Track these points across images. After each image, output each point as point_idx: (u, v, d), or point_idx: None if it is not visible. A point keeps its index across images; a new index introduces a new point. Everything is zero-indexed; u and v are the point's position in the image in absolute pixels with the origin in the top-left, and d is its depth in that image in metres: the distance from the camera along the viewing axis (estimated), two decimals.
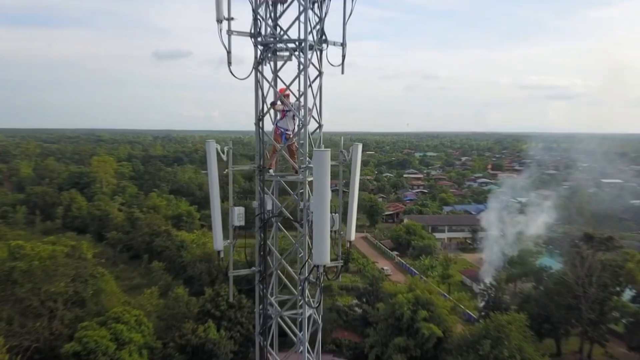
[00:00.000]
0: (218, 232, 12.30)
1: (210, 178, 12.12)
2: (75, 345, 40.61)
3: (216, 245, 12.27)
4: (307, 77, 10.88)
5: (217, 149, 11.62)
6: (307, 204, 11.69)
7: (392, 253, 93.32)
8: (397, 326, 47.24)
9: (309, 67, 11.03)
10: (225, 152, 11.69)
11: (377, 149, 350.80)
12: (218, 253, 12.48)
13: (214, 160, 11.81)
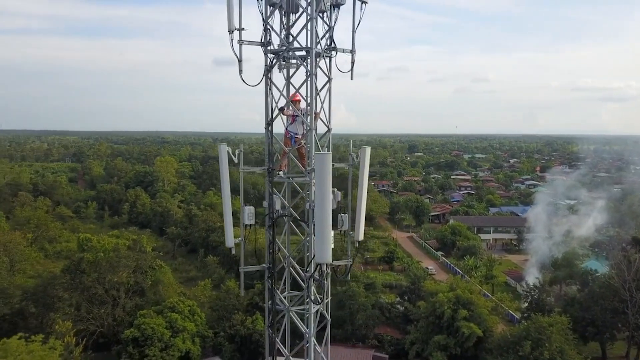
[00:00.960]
0: (229, 230, 12.66)
1: (222, 179, 12.46)
2: (134, 331, 43.82)
3: (228, 242, 12.59)
4: (313, 84, 11.09)
5: (229, 152, 12.08)
6: (312, 205, 11.74)
7: (437, 253, 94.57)
8: (437, 324, 48.52)
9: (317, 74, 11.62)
10: (236, 155, 12.13)
11: (426, 151, 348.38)
12: (230, 250, 12.82)
13: (226, 162, 12.19)
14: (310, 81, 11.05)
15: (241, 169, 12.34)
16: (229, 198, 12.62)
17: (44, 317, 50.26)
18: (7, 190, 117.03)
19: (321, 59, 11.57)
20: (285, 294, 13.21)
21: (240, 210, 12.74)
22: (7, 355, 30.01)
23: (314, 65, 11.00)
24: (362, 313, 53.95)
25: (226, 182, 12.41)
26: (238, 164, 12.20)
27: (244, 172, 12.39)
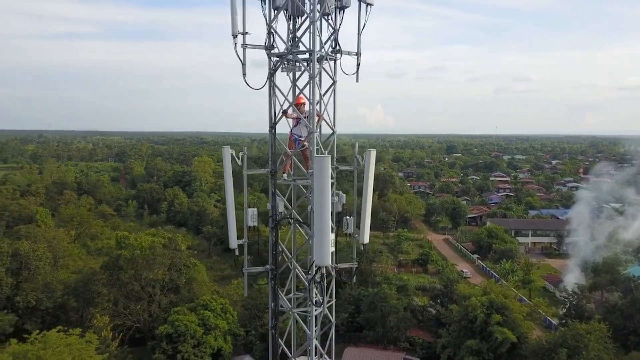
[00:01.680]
0: (232, 231, 12.67)
1: (225, 181, 12.52)
2: (168, 327, 44.88)
3: (231, 243, 12.69)
4: (315, 87, 11.02)
5: (232, 154, 12.12)
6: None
7: (472, 256, 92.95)
8: (470, 328, 47.76)
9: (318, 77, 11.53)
10: (240, 157, 12.20)
11: (465, 152, 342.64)
12: (233, 251, 12.87)
13: (229, 164, 12.26)
14: (312, 84, 10.98)
15: (245, 171, 12.41)
16: (232, 200, 12.64)
17: (84, 312, 52.24)
18: (53, 189, 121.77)
19: (326, 61, 11.55)
20: (290, 296, 13.23)
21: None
22: (46, 348, 31.34)
23: (316, 68, 10.95)
24: (393, 315, 53.63)
25: (230, 184, 12.47)
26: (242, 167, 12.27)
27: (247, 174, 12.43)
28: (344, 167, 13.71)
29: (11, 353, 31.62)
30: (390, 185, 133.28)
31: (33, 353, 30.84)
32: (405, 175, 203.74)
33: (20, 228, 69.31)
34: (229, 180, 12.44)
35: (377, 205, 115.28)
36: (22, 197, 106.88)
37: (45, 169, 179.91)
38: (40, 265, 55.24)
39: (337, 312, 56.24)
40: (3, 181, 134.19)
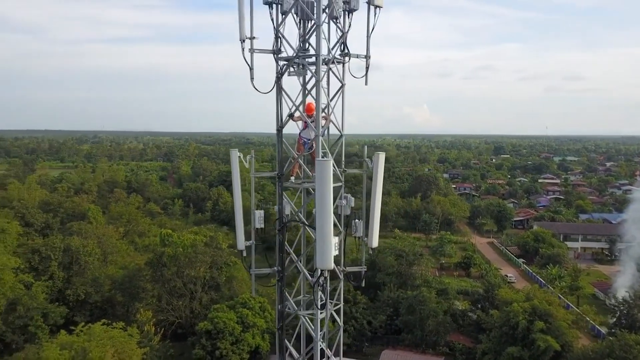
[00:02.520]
0: (240, 233, 12.93)
1: (233, 183, 12.87)
2: (208, 324, 45.67)
3: (239, 245, 12.95)
4: (319, 90, 11.02)
5: (240, 157, 12.46)
6: None
7: (518, 260, 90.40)
8: (511, 335, 46.58)
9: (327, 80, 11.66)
10: (247, 160, 12.58)
11: (513, 153, 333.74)
12: (241, 252, 13.13)
13: (237, 167, 12.57)
14: (317, 87, 11.00)
15: (252, 174, 12.62)
16: (240, 202, 12.94)
17: (129, 306, 54.11)
18: (105, 187, 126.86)
19: (334, 64, 11.53)
20: (300, 298, 13.37)
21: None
22: (90, 340, 32.76)
23: (321, 72, 10.96)
24: (432, 319, 52.87)
25: (238, 187, 12.79)
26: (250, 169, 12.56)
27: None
28: (352, 170, 13.76)
29: (59, 344, 33.23)
30: (434, 187, 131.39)
31: (79, 344, 32.30)
32: (451, 177, 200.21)
33: (73, 224, 72.54)
34: (236, 182, 12.80)
35: (419, 207, 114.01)
36: (76, 194, 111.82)
37: (98, 168, 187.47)
38: (89, 261, 57.65)
39: (376, 314, 56.15)
40: (59, 179, 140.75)
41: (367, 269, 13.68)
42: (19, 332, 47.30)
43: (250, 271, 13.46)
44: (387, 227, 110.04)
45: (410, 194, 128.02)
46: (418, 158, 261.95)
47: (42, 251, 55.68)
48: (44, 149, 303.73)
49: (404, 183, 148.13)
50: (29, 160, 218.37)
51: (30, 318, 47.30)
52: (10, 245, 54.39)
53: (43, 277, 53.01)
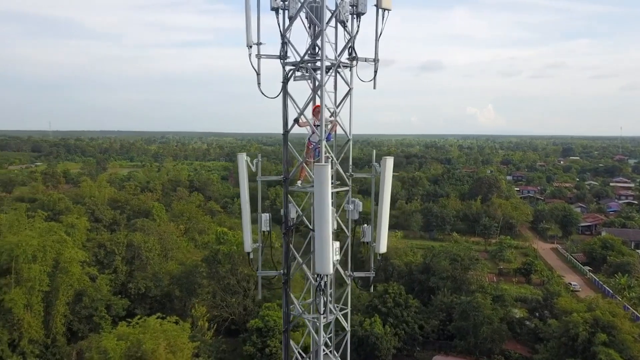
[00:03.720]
0: (247, 235, 12.97)
1: (241, 187, 12.80)
2: (259, 322, 46.62)
3: (246, 247, 13.02)
4: (323, 94, 10.96)
5: (247, 161, 12.38)
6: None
7: (583, 268, 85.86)
8: (570, 346, 44.38)
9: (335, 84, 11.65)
10: (254, 164, 12.50)
11: (583, 154, 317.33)
12: (248, 254, 13.21)
13: (244, 170, 12.54)
14: (321, 92, 10.94)
15: (259, 177, 12.58)
16: (248, 205, 12.95)
17: (186, 301, 56.19)
18: (169, 186, 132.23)
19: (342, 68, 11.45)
20: (309, 301, 13.27)
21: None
22: (145, 332, 34.36)
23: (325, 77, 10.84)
24: (487, 326, 51.31)
25: (245, 190, 12.76)
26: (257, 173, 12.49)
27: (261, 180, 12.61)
28: (359, 174, 13.60)
29: (116, 334, 35.10)
30: (495, 189, 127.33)
31: (134, 336, 33.97)
32: (514, 179, 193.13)
33: (136, 221, 76.09)
34: (243, 186, 12.77)
35: (479, 210, 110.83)
36: (142, 192, 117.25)
37: (163, 167, 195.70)
38: (150, 256, 60.35)
39: (428, 318, 55.19)
40: (127, 178, 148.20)
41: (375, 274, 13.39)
42: (85, 322, 50.32)
43: (257, 273, 13.56)
44: (444, 230, 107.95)
45: (470, 197, 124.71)
46: (481, 159, 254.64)
47: (107, 246, 58.89)
48: (115, 148, 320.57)
49: (464, 185, 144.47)
50: (101, 160, 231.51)
51: (94, 309, 50.19)
52: (79, 240, 57.83)
53: (107, 270, 56.06)
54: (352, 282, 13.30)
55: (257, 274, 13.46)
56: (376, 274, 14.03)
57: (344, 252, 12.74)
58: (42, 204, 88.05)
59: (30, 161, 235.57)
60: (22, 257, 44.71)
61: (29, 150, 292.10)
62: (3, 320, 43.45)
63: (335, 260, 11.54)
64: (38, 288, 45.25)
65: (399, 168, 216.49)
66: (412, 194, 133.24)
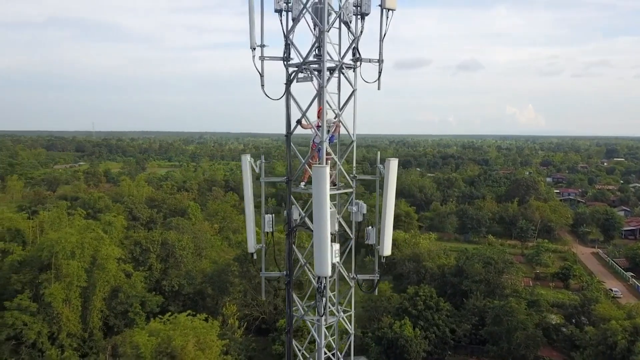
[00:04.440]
0: (251, 236, 13.13)
1: (245, 188, 12.92)
2: None
3: (250, 247, 13.18)
4: (323, 96, 10.96)
5: (251, 163, 12.59)
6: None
7: (626, 274, 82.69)
8: (608, 355, 42.71)
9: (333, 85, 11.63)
10: (257, 165, 12.73)
11: (628, 156, 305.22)
12: (251, 255, 13.27)
13: (249, 172, 12.69)
14: (322, 93, 10.91)
15: (262, 178, 12.80)
16: (252, 206, 13.09)
17: (218, 299, 56.98)
18: (204, 185, 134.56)
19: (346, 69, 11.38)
20: (313, 303, 13.16)
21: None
22: (175, 329, 35.11)
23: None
24: (520, 331, 50.11)
25: (249, 191, 12.91)
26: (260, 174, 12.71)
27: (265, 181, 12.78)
28: (363, 176, 13.46)
29: (148, 330, 35.98)
30: (533, 191, 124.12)
31: (165, 332, 34.74)
32: (554, 181, 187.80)
33: (172, 220, 77.75)
34: (247, 187, 12.89)
35: (516, 212, 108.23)
36: (178, 192, 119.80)
37: (200, 167, 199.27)
38: (183, 254, 61.55)
39: (460, 322, 54.27)
40: (165, 178, 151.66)
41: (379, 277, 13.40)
42: (120, 317, 51.71)
43: (260, 274, 13.65)
44: (480, 233, 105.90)
45: (506, 199, 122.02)
46: (519, 160, 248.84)
47: (143, 244, 60.37)
48: (155, 149, 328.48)
49: (501, 187, 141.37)
50: (141, 160, 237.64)
51: (129, 305, 51.54)
52: (116, 237, 59.58)
53: (142, 267, 57.46)
54: (355, 284, 13.29)
55: (260, 274, 13.57)
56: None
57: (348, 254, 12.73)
58: (83, 202, 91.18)
59: (74, 161, 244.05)
60: (62, 254, 46.33)
61: (73, 150, 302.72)
62: (43, 314, 45.13)
63: (336, 262, 11.52)
64: (76, 283, 46.81)
65: (434, 169, 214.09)
66: (447, 196, 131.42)
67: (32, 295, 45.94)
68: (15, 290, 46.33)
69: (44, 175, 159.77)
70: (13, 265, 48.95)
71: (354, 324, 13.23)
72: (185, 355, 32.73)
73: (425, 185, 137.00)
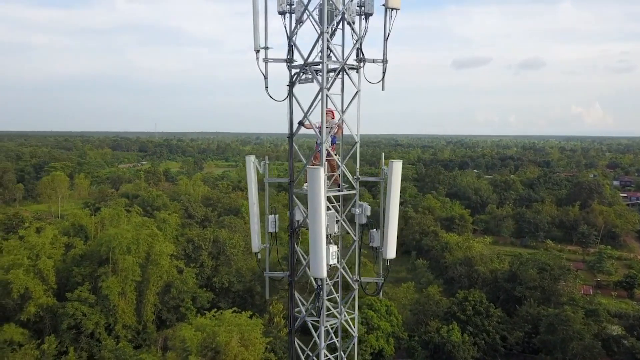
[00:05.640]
0: (255, 236, 13.24)
1: (249, 189, 13.09)
2: None
3: (254, 247, 13.36)
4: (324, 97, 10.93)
5: (255, 163, 12.72)
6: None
7: None
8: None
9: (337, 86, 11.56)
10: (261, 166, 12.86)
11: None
12: (255, 255, 13.47)
13: (253, 173, 12.82)
14: (322, 95, 10.86)
15: (266, 179, 12.92)
16: (256, 207, 13.14)
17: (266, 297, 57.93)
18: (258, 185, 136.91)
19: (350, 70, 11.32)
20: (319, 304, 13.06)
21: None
22: (221, 325, 36.00)
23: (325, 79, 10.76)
24: (577, 342, 47.78)
25: (254, 192, 13.05)
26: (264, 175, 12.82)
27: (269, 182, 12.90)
28: (366, 178, 13.41)
29: (195, 325, 37.12)
30: (597, 195, 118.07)
31: (210, 328, 35.70)
32: (621, 185, 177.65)
33: (224, 219, 79.73)
34: (252, 187, 13.05)
35: (577, 216, 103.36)
36: (233, 191, 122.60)
37: None
38: (234, 252, 62.94)
39: (512, 330, 52.46)
40: (221, 177, 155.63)
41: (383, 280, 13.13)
42: (173, 312, 53.58)
43: (264, 274, 13.79)
44: (537, 238, 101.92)
45: (567, 202, 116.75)
46: (584, 162, 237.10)
47: (196, 241, 62.25)
48: (212, 149, 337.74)
49: (562, 190, 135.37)
50: (199, 159, 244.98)
51: (181, 300, 53.31)
52: (170, 234, 61.78)
53: (194, 264, 59.26)
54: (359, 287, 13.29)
55: (264, 274, 13.72)
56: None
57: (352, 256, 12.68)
58: (142, 200, 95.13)
59: (137, 160, 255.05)
60: (118, 249, 48.57)
61: (137, 150, 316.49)
62: (101, 306, 47.48)
63: (333, 264, 11.45)
64: (131, 278, 48.91)
65: (492, 170, 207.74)
66: (503, 198, 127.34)
67: (91, 287, 48.47)
68: (76, 282, 49.04)
69: (109, 173, 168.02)
70: (75, 259, 51.82)
71: (357, 327, 13.15)
72: (229, 351, 33.50)
73: (481, 187, 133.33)
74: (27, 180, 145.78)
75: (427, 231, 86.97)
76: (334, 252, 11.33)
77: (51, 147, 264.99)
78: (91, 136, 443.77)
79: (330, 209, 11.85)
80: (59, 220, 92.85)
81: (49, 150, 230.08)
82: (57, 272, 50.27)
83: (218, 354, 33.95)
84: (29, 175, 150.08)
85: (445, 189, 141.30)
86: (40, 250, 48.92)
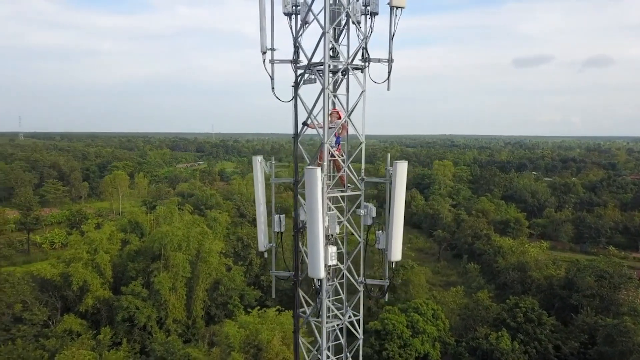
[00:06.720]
0: (261, 235, 13.31)
1: (256, 189, 13.17)
2: (377, 324, 46.57)
3: (260, 247, 13.40)
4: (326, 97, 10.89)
5: (261, 163, 12.82)
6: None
7: None
8: None
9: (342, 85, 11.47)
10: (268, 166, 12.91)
11: None
12: (262, 254, 13.31)
13: (260, 173, 12.91)
14: (324, 95, 10.82)
15: (272, 179, 13.00)
16: (263, 206, 13.24)
17: None
18: None
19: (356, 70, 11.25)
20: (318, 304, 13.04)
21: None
22: (263, 322, 36.60)
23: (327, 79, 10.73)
24: (637, 355, 45.12)
25: (261, 192, 13.11)
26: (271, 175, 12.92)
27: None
28: (371, 178, 13.30)
29: (239, 322, 37.91)
30: None
31: (253, 325, 36.35)
32: None
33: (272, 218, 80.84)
34: (259, 187, 13.13)
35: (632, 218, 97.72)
36: (284, 191, 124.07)
37: None
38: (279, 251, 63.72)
39: (566, 339, 50.17)
40: None
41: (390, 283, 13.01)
42: (221, 308, 54.94)
43: (270, 272, 13.82)
44: (599, 243, 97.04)
45: (633, 207, 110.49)
46: None
47: (245, 240, 63.55)
48: (266, 150, 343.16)
49: (627, 194, 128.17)
50: None
51: (229, 297, 54.58)
52: (220, 233, 63.36)
53: (243, 262, 60.50)
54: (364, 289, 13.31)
55: (270, 273, 13.84)
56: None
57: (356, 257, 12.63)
58: (197, 199, 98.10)
59: (194, 160, 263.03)
60: (170, 246, 50.36)
61: (194, 151, 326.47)
62: (153, 300, 49.35)
63: (333, 265, 11.35)
64: (182, 274, 50.57)
65: (552, 173, 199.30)
66: (562, 202, 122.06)
67: (144, 282, 50.50)
68: (130, 276, 51.24)
69: (167, 173, 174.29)
70: (130, 254, 54.15)
71: (362, 329, 13.10)
72: (271, 349, 33.96)
73: (538, 190, 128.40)
74: (92, 178, 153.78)
75: (480, 234, 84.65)
76: (333, 252, 11.27)
77: (115, 148, 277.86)
78: (152, 137, 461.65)
79: (332, 209, 11.80)
80: (119, 217, 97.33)
81: (113, 150, 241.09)
82: (114, 266, 52.74)
83: (260, 351, 34.50)
84: (94, 174, 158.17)
85: (501, 191, 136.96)
86: (98, 245, 51.48)
